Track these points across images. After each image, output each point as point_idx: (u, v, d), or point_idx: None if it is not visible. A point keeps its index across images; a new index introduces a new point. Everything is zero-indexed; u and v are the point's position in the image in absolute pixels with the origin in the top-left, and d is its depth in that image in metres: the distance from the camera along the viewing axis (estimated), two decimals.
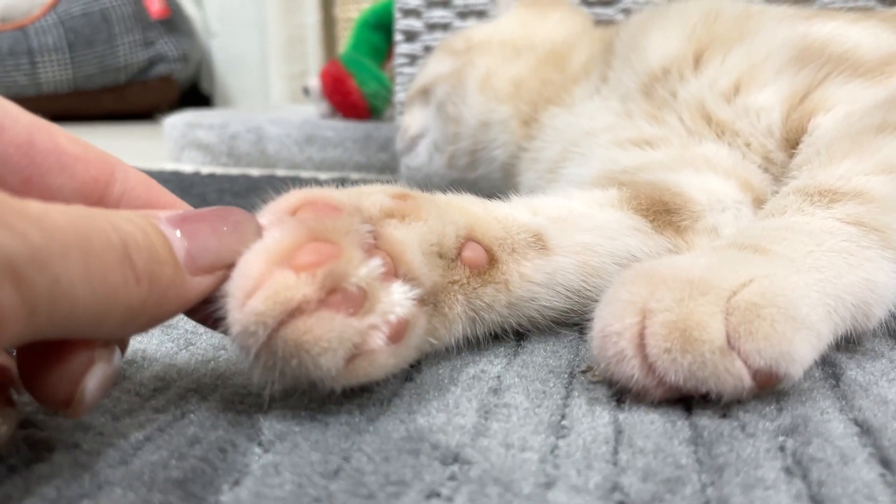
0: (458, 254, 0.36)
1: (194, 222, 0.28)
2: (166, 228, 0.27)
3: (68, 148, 0.29)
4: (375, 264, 0.30)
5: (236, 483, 0.26)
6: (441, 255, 0.35)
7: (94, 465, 0.26)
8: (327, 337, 0.27)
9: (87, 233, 0.23)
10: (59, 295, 0.21)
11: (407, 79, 1.05)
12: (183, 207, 0.33)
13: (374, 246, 0.31)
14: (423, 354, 0.35)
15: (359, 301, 0.29)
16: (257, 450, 0.28)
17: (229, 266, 0.29)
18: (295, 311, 0.27)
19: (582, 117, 0.60)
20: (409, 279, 0.32)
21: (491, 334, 0.39)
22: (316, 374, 0.28)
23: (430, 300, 0.34)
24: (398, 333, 0.30)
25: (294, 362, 0.28)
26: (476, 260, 0.37)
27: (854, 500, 0.25)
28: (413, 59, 1.06)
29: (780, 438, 0.29)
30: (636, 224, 0.42)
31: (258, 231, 0.30)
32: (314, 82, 1.39)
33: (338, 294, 0.28)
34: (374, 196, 0.35)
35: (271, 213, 0.31)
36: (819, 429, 0.30)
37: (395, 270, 0.31)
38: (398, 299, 0.30)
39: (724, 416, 0.31)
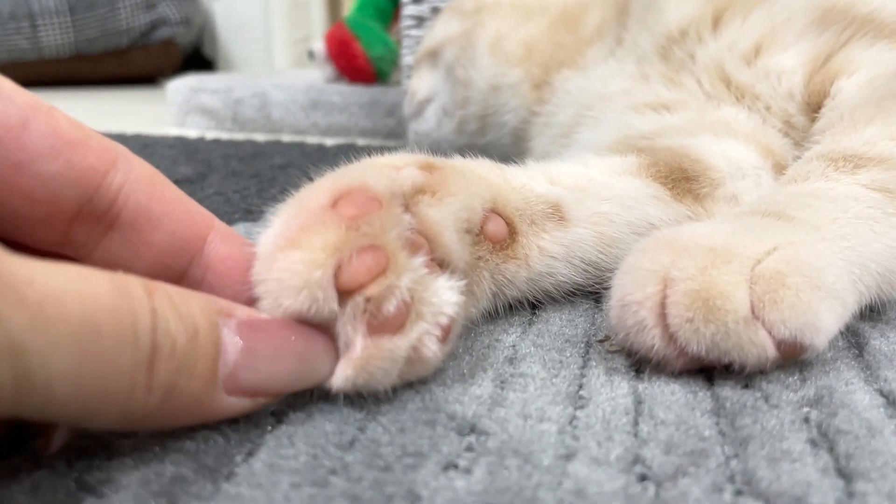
0: (481, 228, 0.35)
1: (266, 339, 0.25)
2: (228, 334, 0.24)
3: (67, 133, 0.26)
4: (419, 263, 0.29)
5: (250, 454, 0.25)
6: (468, 231, 0.34)
7: (103, 437, 0.25)
8: (382, 366, 0.27)
9: (100, 328, 0.20)
10: (30, 389, 0.19)
11: (414, 42, 1.03)
12: (188, 204, 0.30)
13: (414, 230, 0.30)
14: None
15: (406, 310, 0.28)
16: (271, 420, 0.27)
17: (275, 395, 0.26)
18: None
19: (596, 81, 0.58)
20: (446, 263, 0.30)
21: (507, 306, 0.38)
22: (373, 391, 0.28)
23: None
24: (447, 333, 0.29)
25: (351, 389, 0.28)
26: (498, 233, 0.36)
27: (883, 473, 0.24)
28: (420, 21, 1.04)
29: (805, 410, 0.28)
30: (655, 192, 0.41)
31: (329, 371, 0.27)
32: (319, 46, 1.37)
33: (385, 309, 0.27)
34: (406, 171, 0.33)
35: (308, 209, 0.29)
36: (844, 400, 0.29)
37: (432, 254, 0.30)
38: (446, 298, 0.29)
39: (746, 386, 0.30)
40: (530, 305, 0.39)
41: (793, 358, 0.31)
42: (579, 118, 0.57)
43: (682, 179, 0.42)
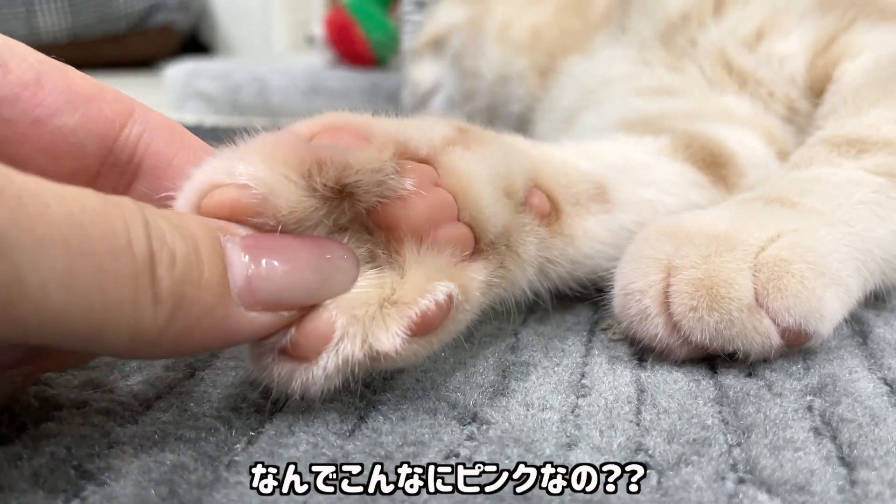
0: (526, 200, 0.32)
1: (273, 249, 0.24)
2: (233, 248, 0.23)
3: (81, 87, 0.27)
4: None
5: (250, 443, 0.25)
6: (508, 196, 0.30)
7: (103, 425, 0.25)
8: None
9: (88, 230, 0.19)
10: (20, 293, 0.18)
11: (414, 26, 1.02)
12: (207, 148, 0.29)
13: (435, 184, 0.27)
14: (492, 303, 0.31)
15: None
16: (271, 408, 0.27)
17: (301, 308, 0.25)
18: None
19: (601, 65, 0.58)
20: (475, 221, 0.27)
21: (553, 293, 0.35)
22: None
23: (501, 241, 0.29)
24: (427, 326, 0.25)
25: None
26: (544, 209, 0.32)
27: (886, 461, 0.24)
28: (421, 5, 1.03)
29: (808, 398, 0.28)
30: (696, 178, 0.40)
31: (352, 280, 0.25)
32: (318, 30, 1.36)
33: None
34: (438, 126, 0.30)
35: (276, 136, 0.26)
36: (848, 388, 0.29)
37: (458, 213, 0.27)
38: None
39: (749, 375, 0.30)
40: (532, 293, 0.39)
41: (797, 346, 0.30)
42: (582, 102, 0.56)
43: (714, 164, 0.41)
